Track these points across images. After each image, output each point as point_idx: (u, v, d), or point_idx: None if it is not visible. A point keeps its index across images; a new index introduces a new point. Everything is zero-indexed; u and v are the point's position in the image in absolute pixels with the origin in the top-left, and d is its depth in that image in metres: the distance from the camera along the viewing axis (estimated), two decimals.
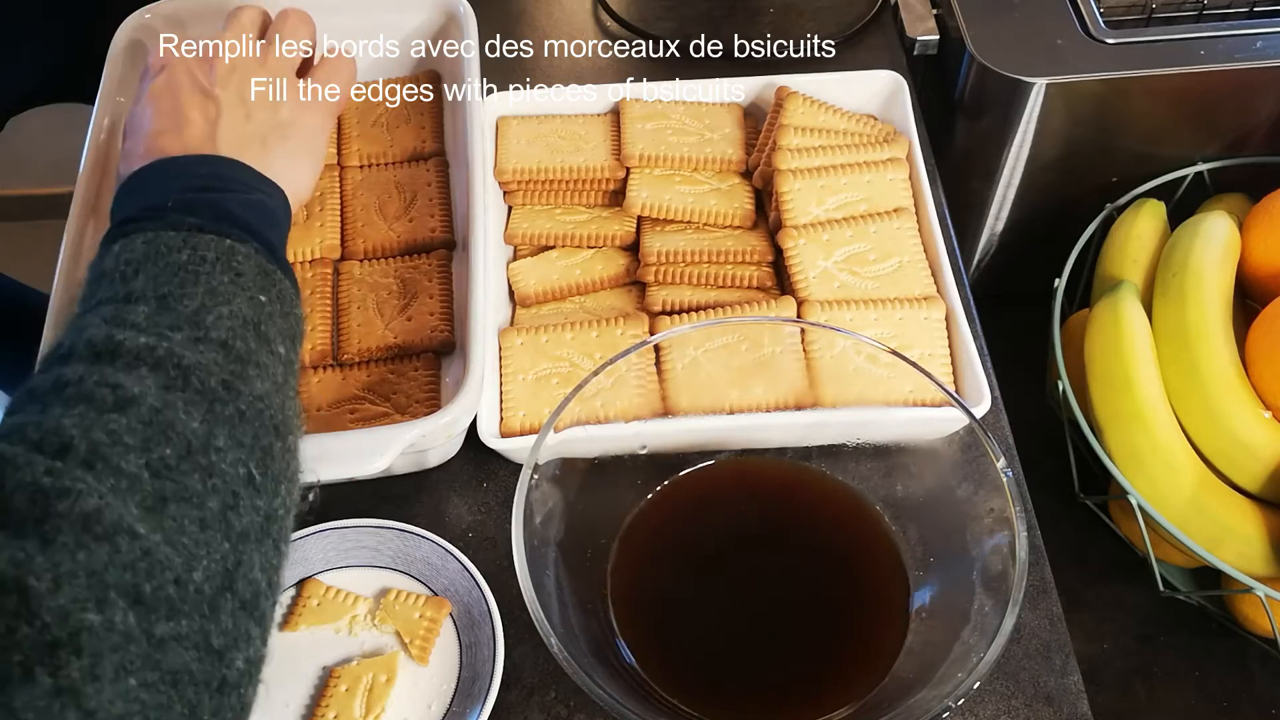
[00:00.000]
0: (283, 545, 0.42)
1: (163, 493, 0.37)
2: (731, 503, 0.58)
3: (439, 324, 0.65)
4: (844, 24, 0.85)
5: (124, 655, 0.33)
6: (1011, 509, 0.47)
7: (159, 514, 0.37)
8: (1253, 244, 0.74)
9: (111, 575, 0.34)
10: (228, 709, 0.37)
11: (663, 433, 0.58)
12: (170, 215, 0.47)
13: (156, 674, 0.34)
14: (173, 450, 0.39)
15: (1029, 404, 0.73)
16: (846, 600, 0.54)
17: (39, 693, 0.31)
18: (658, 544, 0.55)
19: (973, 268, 0.89)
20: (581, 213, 0.71)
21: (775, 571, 0.55)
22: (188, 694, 0.35)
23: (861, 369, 0.55)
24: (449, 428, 0.57)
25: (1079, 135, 0.78)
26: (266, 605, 0.40)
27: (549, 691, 0.56)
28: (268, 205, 0.52)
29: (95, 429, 0.37)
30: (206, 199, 0.49)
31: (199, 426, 0.40)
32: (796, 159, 0.68)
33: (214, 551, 0.38)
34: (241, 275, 0.46)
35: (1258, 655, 0.75)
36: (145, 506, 0.37)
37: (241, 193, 0.51)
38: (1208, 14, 0.79)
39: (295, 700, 0.56)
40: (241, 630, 0.38)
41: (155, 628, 0.35)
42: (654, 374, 0.60)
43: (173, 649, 0.35)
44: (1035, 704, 0.56)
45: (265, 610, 0.40)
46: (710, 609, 0.54)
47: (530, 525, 0.48)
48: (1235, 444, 0.68)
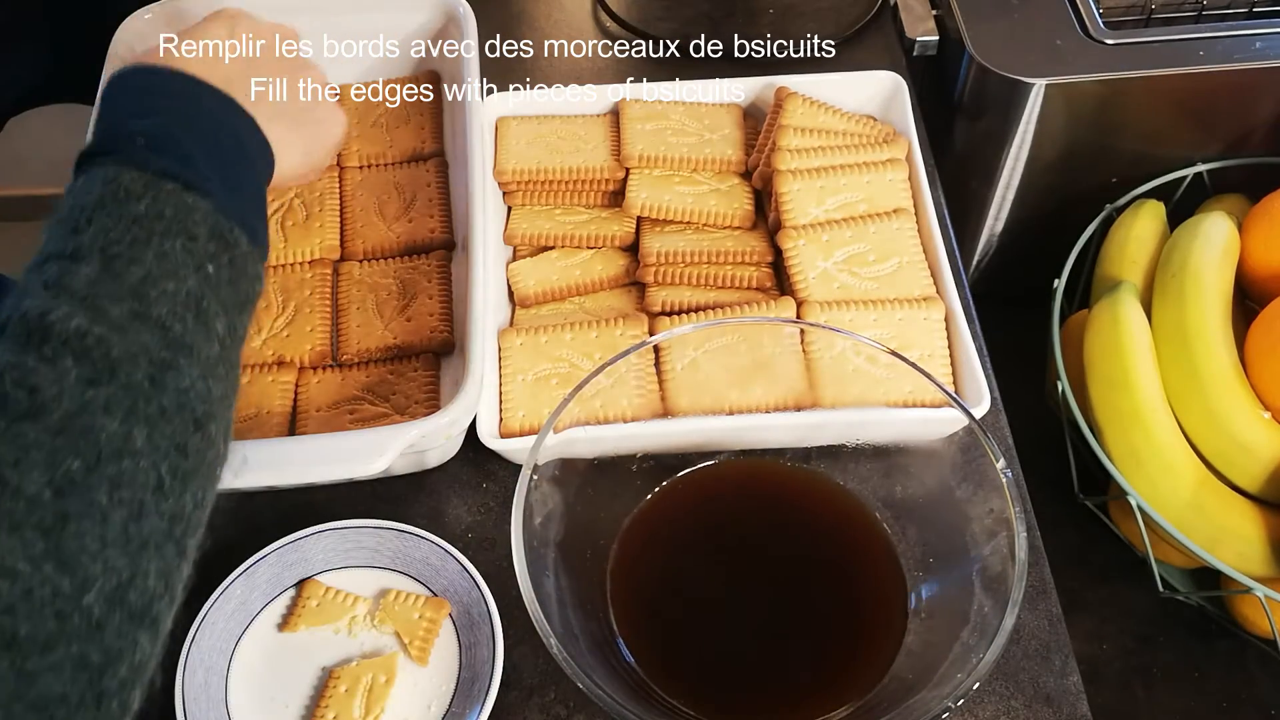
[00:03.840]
0: (188, 543, 0.41)
1: (64, 511, 0.36)
2: (731, 504, 0.58)
3: (438, 324, 0.65)
4: (844, 24, 0.85)
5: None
6: (1011, 509, 0.47)
7: (56, 536, 0.35)
8: (1252, 245, 0.74)
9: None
10: (104, 718, 0.35)
11: (662, 433, 0.58)
12: (137, 151, 0.45)
13: (21, 705, 0.33)
14: (82, 462, 0.37)
15: (1028, 404, 0.73)
16: (846, 601, 0.54)
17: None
18: (657, 545, 0.55)
19: (972, 268, 0.89)
20: (581, 213, 0.71)
21: (774, 572, 0.55)
22: (57, 715, 0.34)
23: (861, 369, 0.55)
24: (448, 428, 0.57)
25: (1078, 136, 0.78)
26: (161, 607, 0.38)
27: (548, 692, 0.56)
28: (246, 151, 0.50)
29: (1, 442, 0.36)
30: (181, 137, 0.47)
31: (117, 428, 0.38)
32: (796, 160, 0.68)
33: (110, 567, 0.36)
34: (195, 239, 0.44)
35: (1257, 656, 0.75)
36: (42, 529, 0.35)
37: (225, 137, 0.49)
38: (1207, 14, 0.79)
39: (294, 701, 0.56)
40: (128, 641, 0.36)
41: (27, 663, 0.33)
42: (653, 375, 0.60)
43: (44, 679, 0.34)
44: (1035, 704, 0.56)
45: (159, 613, 0.38)
46: (710, 610, 0.54)
47: (530, 526, 0.48)
48: (1234, 444, 0.68)
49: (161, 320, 0.41)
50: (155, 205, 0.43)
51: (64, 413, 0.37)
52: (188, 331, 0.42)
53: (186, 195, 0.44)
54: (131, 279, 0.41)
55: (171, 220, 0.43)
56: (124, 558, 0.37)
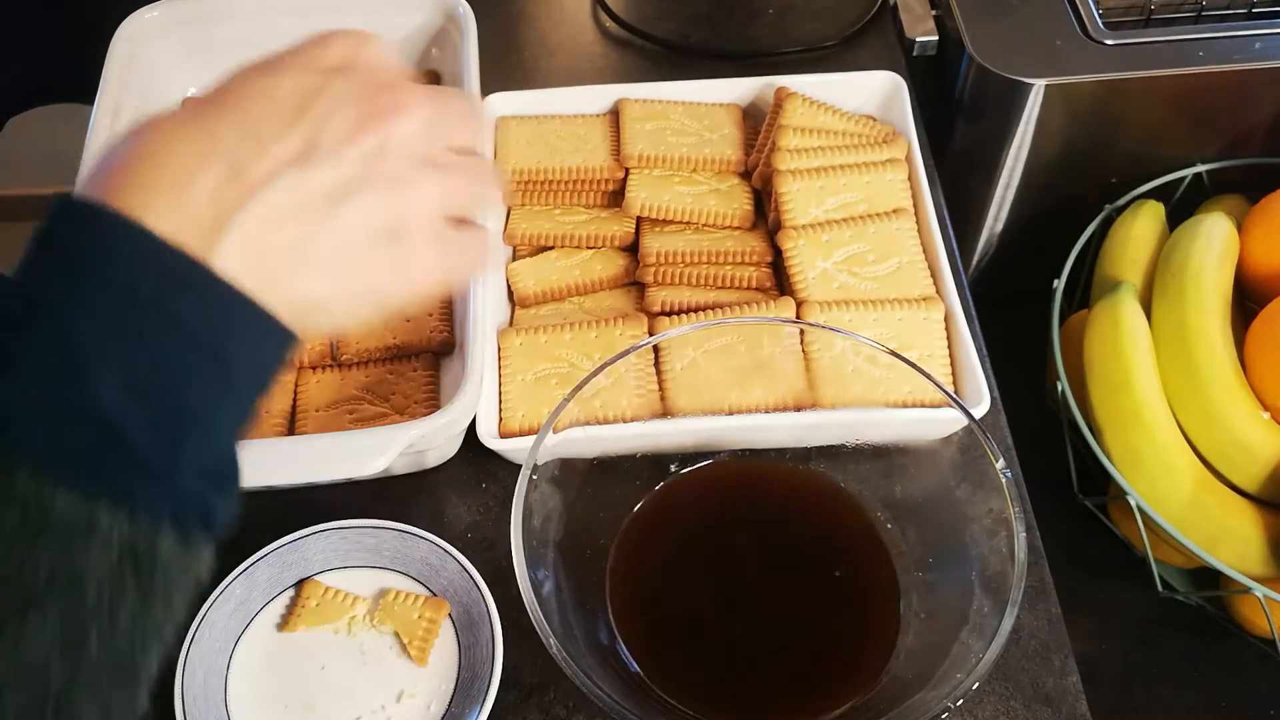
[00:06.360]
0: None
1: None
2: (730, 504, 0.58)
3: (438, 324, 0.65)
4: (843, 24, 0.85)
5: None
6: (1010, 510, 0.47)
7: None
8: (1251, 245, 0.74)
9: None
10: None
11: (662, 433, 0.58)
12: (37, 416, 0.29)
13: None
14: None
15: (1028, 405, 0.73)
16: (845, 601, 0.54)
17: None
18: (657, 545, 0.55)
19: (972, 268, 0.89)
20: (581, 213, 0.71)
21: (773, 572, 0.55)
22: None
23: (860, 370, 0.55)
24: (448, 428, 0.57)
25: (1078, 136, 0.78)
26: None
27: (548, 692, 0.56)
28: (230, 373, 0.32)
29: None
30: (110, 380, 0.30)
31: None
32: (796, 160, 0.68)
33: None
34: (83, 598, 0.29)
35: (1256, 655, 0.75)
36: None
37: (192, 352, 0.31)
38: (1206, 15, 0.79)
39: (294, 701, 0.56)
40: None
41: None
42: (653, 375, 0.60)
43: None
44: (1034, 705, 0.56)
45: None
46: (709, 609, 0.54)
47: (529, 526, 0.48)
48: (1234, 444, 0.68)
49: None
50: (36, 549, 0.28)
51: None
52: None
53: (87, 513, 0.29)
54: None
55: (53, 574, 0.28)
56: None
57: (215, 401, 0.32)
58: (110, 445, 0.29)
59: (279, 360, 0.35)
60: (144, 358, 0.30)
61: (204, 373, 0.32)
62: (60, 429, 0.29)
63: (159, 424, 0.30)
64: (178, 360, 0.31)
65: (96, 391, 0.29)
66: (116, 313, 0.30)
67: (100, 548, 0.29)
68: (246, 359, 0.33)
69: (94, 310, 0.30)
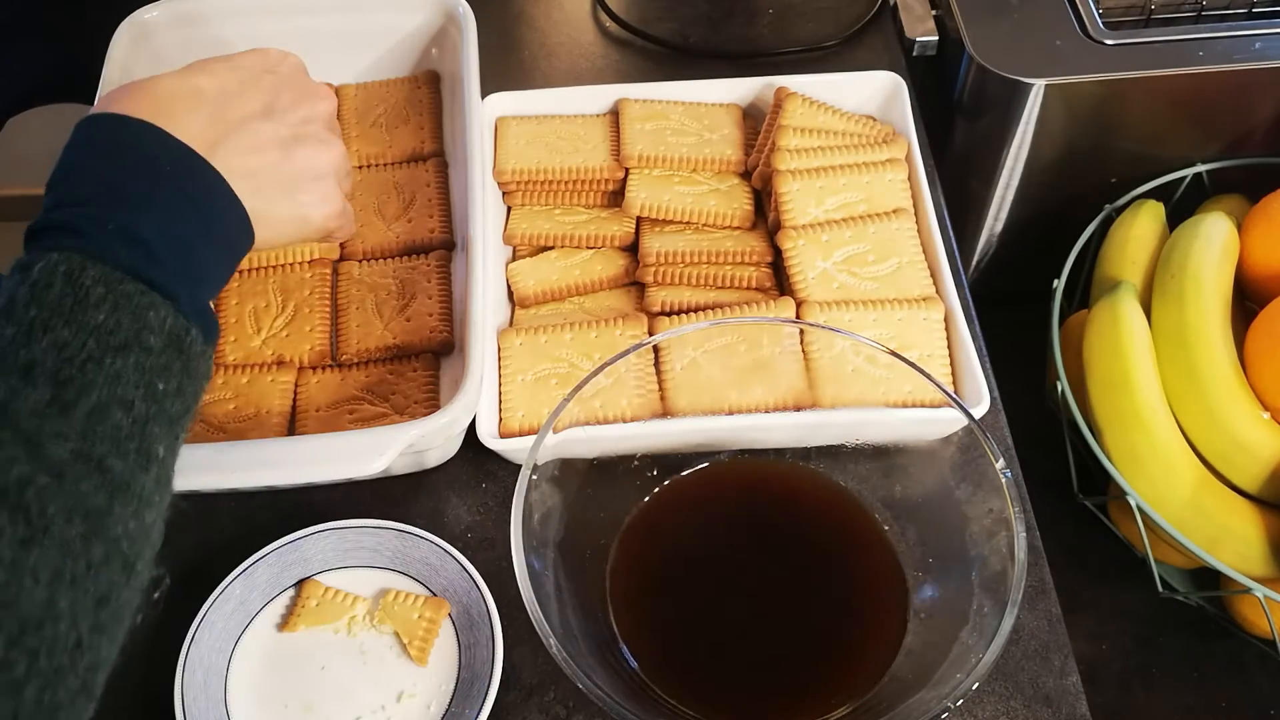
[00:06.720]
0: (97, 681, 0.39)
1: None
2: (730, 504, 0.58)
3: (438, 324, 0.65)
4: (843, 24, 0.85)
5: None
6: (1010, 510, 0.47)
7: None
8: (1251, 245, 0.74)
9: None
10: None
11: (662, 433, 0.58)
12: (104, 239, 0.43)
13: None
14: (3, 637, 0.35)
15: (1028, 405, 0.73)
16: (845, 601, 0.54)
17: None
18: (657, 545, 0.55)
19: (972, 268, 0.89)
20: (580, 213, 0.71)
21: (774, 572, 0.55)
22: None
23: (860, 370, 0.55)
24: (448, 428, 0.57)
25: (1078, 136, 0.78)
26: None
27: (548, 692, 0.56)
28: (218, 230, 0.48)
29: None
30: (148, 223, 0.45)
31: (42, 595, 0.36)
32: (795, 160, 0.68)
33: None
34: (149, 352, 0.42)
35: (1256, 656, 0.75)
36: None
37: (196, 215, 0.47)
38: (1206, 15, 0.79)
39: (294, 701, 0.56)
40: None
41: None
42: (653, 375, 0.60)
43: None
44: (1034, 705, 0.56)
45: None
46: (709, 609, 0.54)
47: (529, 526, 0.48)
48: (1234, 445, 0.68)
49: (103, 460, 0.40)
50: (114, 314, 0.42)
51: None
52: (128, 467, 0.40)
53: (147, 298, 0.43)
54: (79, 412, 0.40)
55: (129, 332, 0.42)
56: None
57: (208, 255, 0.48)
58: (150, 260, 0.44)
59: (242, 238, 0.51)
60: (163, 215, 0.46)
61: (202, 232, 0.47)
62: (154, 271, 0.44)
63: (179, 255, 0.45)
64: (186, 219, 0.47)
65: (139, 225, 0.45)
66: (149, 182, 0.46)
67: (160, 329, 0.43)
68: (226, 229, 0.49)
69: (137, 176, 0.46)
